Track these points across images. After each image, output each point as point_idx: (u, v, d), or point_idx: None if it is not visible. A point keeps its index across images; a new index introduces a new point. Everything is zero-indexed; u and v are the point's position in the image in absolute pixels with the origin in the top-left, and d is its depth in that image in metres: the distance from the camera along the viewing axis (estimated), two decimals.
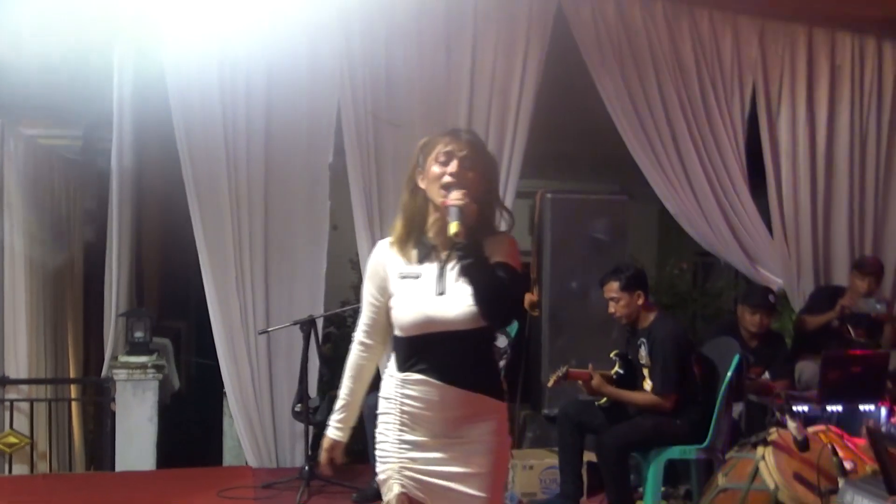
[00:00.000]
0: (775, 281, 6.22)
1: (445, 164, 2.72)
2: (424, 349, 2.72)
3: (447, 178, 2.70)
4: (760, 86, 6.16)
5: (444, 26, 5.66)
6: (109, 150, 5.74)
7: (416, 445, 2.75)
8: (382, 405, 2.81)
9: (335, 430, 2.94)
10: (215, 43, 5.41)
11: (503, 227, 2.90)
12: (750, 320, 5.58)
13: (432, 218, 2.76)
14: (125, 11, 5.30)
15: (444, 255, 2.74)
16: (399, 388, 2.75)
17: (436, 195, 2.73)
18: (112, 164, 5.63)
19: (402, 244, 2.79)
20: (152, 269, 7.72)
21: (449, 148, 2.74)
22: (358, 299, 6.44)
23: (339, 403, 2.95)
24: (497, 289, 2.67)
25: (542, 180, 7.09)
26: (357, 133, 5.60)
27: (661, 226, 8.32)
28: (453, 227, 2.62)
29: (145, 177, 6.63)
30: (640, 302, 5.04)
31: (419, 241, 2.78)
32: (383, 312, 2.84)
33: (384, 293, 2.82)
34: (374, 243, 5.40)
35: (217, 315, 5.53)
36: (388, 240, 2.85)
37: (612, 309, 5.09)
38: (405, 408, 2.74)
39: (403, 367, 2.75)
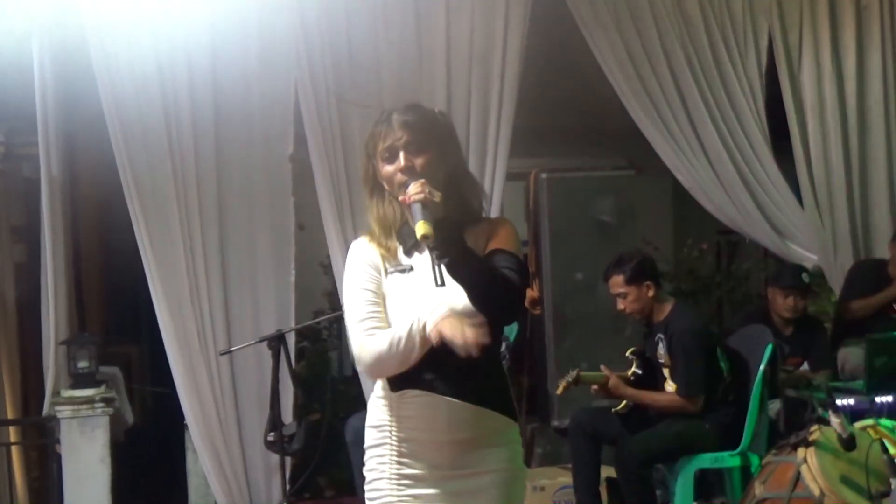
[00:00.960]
0: (809, 257, 6.23)
1: (391, 160, 2.68)
2: (426, 357, 2.61)
3: (399, 177, 2.65)
4: (777, 34, 6.16)
5: None
6: (36, 155, 5.70)
7: (417, 480, 2.68)
8: (372, 436, 2.74)
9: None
10: (148, 23, 5.36)
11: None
12: (783, 304, 5.58)
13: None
14: None
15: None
16: (393, 411, 2.68)
17: (397, 193, 2.67)
18: (41, 173, 5.57)
19: (382, 242, 2.74)
20: (94, 288, 7.68)
21: (387, 142, 2.68)
22: (333, 307, 6.50)
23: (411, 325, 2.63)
24: (492, 281, 2.57)
25: (535, 158, 7.07)
26: (319, 118, 5.57)
27: (675, 202, 8.29)
28: (420, 229, 2.48)
29: (80, 184, 6.59)
30: (651, 294, 5.05)
31: (402, 232, 2.72)
32: (383, 303, 2.73)
33: (380, 278, 2.73)
34: (346, 242, 5.48)
35: (171, 336, 5.50)
36: (365, 237, 2.79)
37: (620, 305, 5.11)
38: (402, 434, 2.67)
39: (398, 383, 2.67)
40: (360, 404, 5.83)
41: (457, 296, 2.56)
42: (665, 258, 7.15)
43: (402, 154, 2.65)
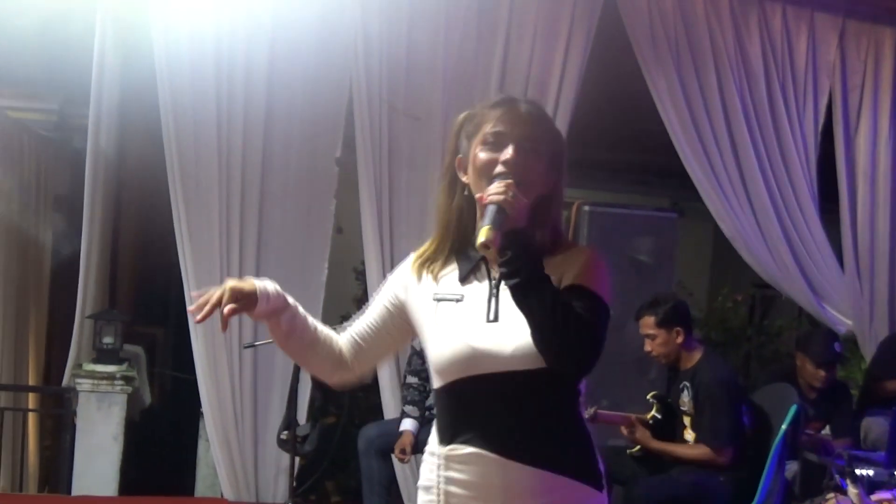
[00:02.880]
0: (844, 321, 6.13)
1: (496, 148, 2.22)
2: (474, 405, 2.21)
3: (500, 168, 2.19)
4: (838, 94, 6.10)
5: (476, 7, 5.61)
6: (87, 128, 5.72)
7: None
8: (420, 499, 2.34)
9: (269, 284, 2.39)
10: (212, 11, 5.37)
11: None
12: (813, 374, 5.49)
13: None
14: None
15: (497, 271, 2.23)
16: (441, 471, 2.25)
17: (483, 189, 2.20)
18: (87, 145, 5.60)
19: (435, 259, 2.34)
20: (127, 266, 7.70)
21: (501, 126, 2.24)
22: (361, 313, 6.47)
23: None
24: (563, 322, 2.09)
25: (580, 190, 7.05)
26: (370, 124, 5.56)
27: (715, 250, 8.26)
28: (482, 234, 2.07)
29: (127, 161, 6.61)
30: (680, 340, 4.98)
31: (462, 253, 2.31)
32: (387, 330, 2.42)
33: (397, 310, 2.40)
34: (382, 250, 5.49)
35: (197, 324, 5.48)
36: (415, 254, 2.41)
37: (648, 347, 5.05)
38: (452, 500, 2.24)
39: (446, 437, 2.25)
40: (376, 414, 5.80)
41: (509, 336, 2.17)
42: (698, 305, 7.08)
43: (513, 146, 2.21)
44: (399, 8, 5.54)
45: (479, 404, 2.20)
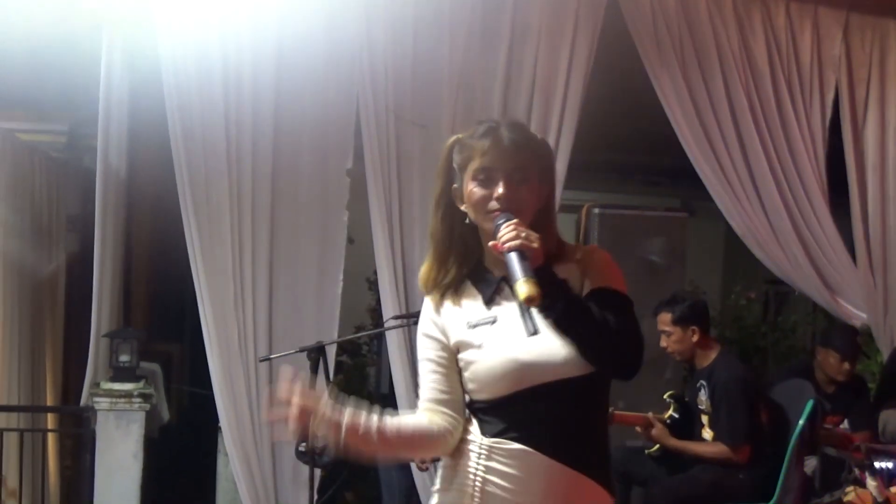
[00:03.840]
0: (858, 315, 6.12)
1: (487, 184, 2.30)
2: (524, 412, 2.29)
3: (493, 205, 2.28)
4: (844, 88, 6.08)
5: (480, 13, 5.63)
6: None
7: None
8: (448, 479, 2.40)
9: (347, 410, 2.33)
10: (218, 26, 5.39)
11: None
12: (836, 367, 5.50)
13: (488, 244, 2.31)
14: None
15: None
16: (482, 459, 2.32)
17: (482, 221, 2.31)
18: (97, 164, 5.63)
19: (452, 287, 2.40)
20: (142, 284, 7.74)
21: (489, 162, 2.30)
22: (375, 323, 6.48)
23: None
24: (608, 337, 2.21)
25: (589, 192, 7.06)
26: (377, 134, 5.56)
27: (727, 248, 8.25)
28: (524, 290, 2.11)
29: (137, 180, 6.65)
30: (695, 339, 5.00)
31: (477, 276, 2.39)
32: (453, 370, 2.40)
33: (447, 350, 2.40)
34: (394, 259, 5.50)
35: (213, 339, 5.50)
36: (428, 297, 2.46)
37: (663, 342, 5.07)
38: (488, 488, 2.31)
39: (493, 426, 2.33)
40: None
41: (555, 345, 2.25)
42: (712, 303, 7.08)
43: (503, 181, 2.28)
44: (404, 18, 5.55)
45: (530, 410, 2.28)
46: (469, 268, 2.40)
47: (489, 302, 2.36)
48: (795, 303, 8.14)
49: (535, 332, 2.22)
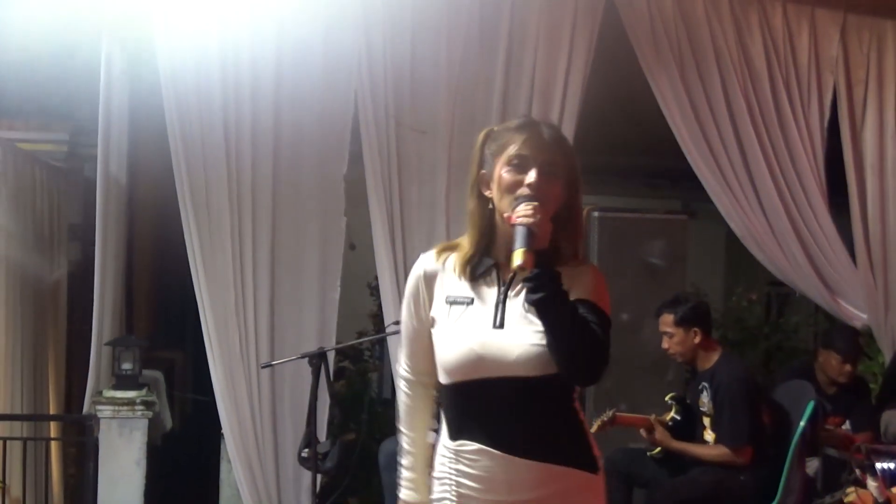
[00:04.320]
0: (859, 316, 6.12)
1: (520, 170, 2.40)
2: (479, 406, 2.40)
3: (524, 191, 2.38)
4: (842, 89, 6.07)
5: (478, 18, 5.63)
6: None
7: None
8: (434, 491, 2.53)
9: (407, 491, 2.63)
10: (216, 35, 5.40)
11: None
12: (839, 369, 5.50)
13: (502, 231, 2.45)
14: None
15: (508, 276, 2.44)
16: (452, 464, 2.45)
17: (506, 207, 2.40)
18: (98, 172, 5.65)
19: (464, 261, 2.49)
20: (144, 292, 7.75)
21: (526, 150, 2.41)
22: (377, 328, 6.49)
23: (403, 460, 2.65)
24: (581, 334, 2.31)
25: (589, 196, 7.03)
26: (377, 140, 5.57)
27: (728, 250, 8.26)
28: (518, 256, 2.26)
29: (138, 189, 6.67)
30: (697, 340, 5.01)
31: (477, 259, 2.48)
32: (427, 339, 2.53)
33: (425, 318, 2.54)
34: (396, 265, 5.51)
35: (214, 345, 5.52)
36: (435, 251, 2.58)
37: (665, 344, 5.08)
38: (462, 490, 2.44)
39: (453, 432, 2.46)
40: (395, 428, 5.81)
41: (513, 343, 2.36)
42: (713, 306, 7.09)
43: (536, 170, 2.39)
44: (401, 23, 5.56)
45: (482, 405, 2.39)
46: (478, 251, 2.48)
47: (473, 280, 2.46)
48: (797, 304, 8.14)
49: (500, 326, 2.36)
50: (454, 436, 2.45)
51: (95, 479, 5.71)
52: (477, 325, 2.40)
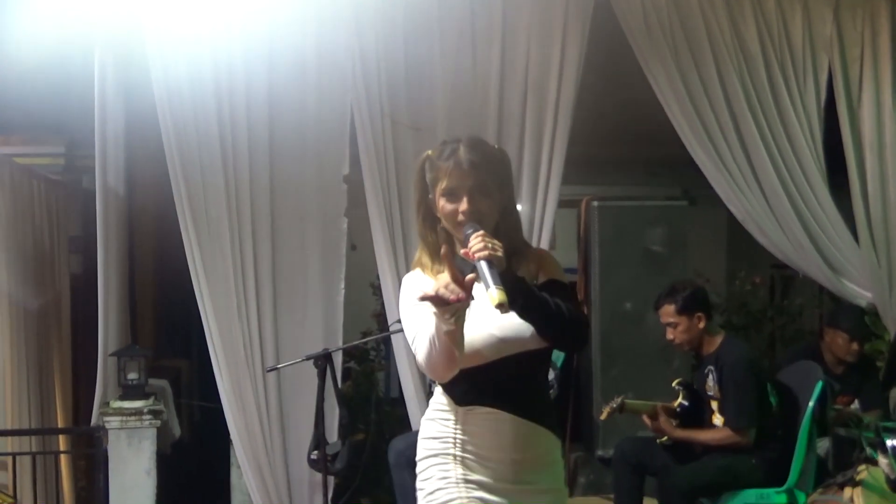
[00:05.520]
0: (864, 295, 6.12)
1: (453, 200, 2.69)
2: (491, 377, 2.71)
3: (460, 217, 2.67)
4: (837, 69, 6.07)
5: (470, 15, 5.65)
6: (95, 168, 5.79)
7: (482, 487, 2.73)
8: (430, 447, 2.81)
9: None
10: (209, 41, 5.42)
11: None
12: (845, 348, 5.50)
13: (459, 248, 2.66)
14: (106, 9, 5.33)
15: None
16: (458, 425, 2.75)
17: (454, 230, 2.71)
18: (96, 184, 5.66)
19: (436, 271, 2.76)
20: (147, 301, 7.76)
21: (454, 182, 2.69)
22: (381, 328, 6.50)
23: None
24: (560, 320, 2.62)
25: (589, 186, 7.07)
26: (373, 140, 5.59)
27: (729, 234, 8.25)
28: (495, 297, 2.41)
29: (136, 198, 6.68)
30: (702, 325, 5.02)
31: (457, 260, 2.62)
32: None
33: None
34: (397, 264, 5.53)
35: (218, 351, 5.54)
36: (416, 271, 2.84)
37: (670, 335, 5.08)
38: (468, 447, 2.74)
39: (464, 398, 2.75)
40: (405, 426, 5.83)
41: (522, 321, 2.61)
42: (717, 290, 7.09)
43: (466, 198, 2.67)
44: (394, 23, 5.58)
45: (495, 377, 2.70)
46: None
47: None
48: (801, 286, 8.11)
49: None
50: (463, 402, 2.74)
51: (106, 490, 5.72)
52: (485, 314, 2.59)
